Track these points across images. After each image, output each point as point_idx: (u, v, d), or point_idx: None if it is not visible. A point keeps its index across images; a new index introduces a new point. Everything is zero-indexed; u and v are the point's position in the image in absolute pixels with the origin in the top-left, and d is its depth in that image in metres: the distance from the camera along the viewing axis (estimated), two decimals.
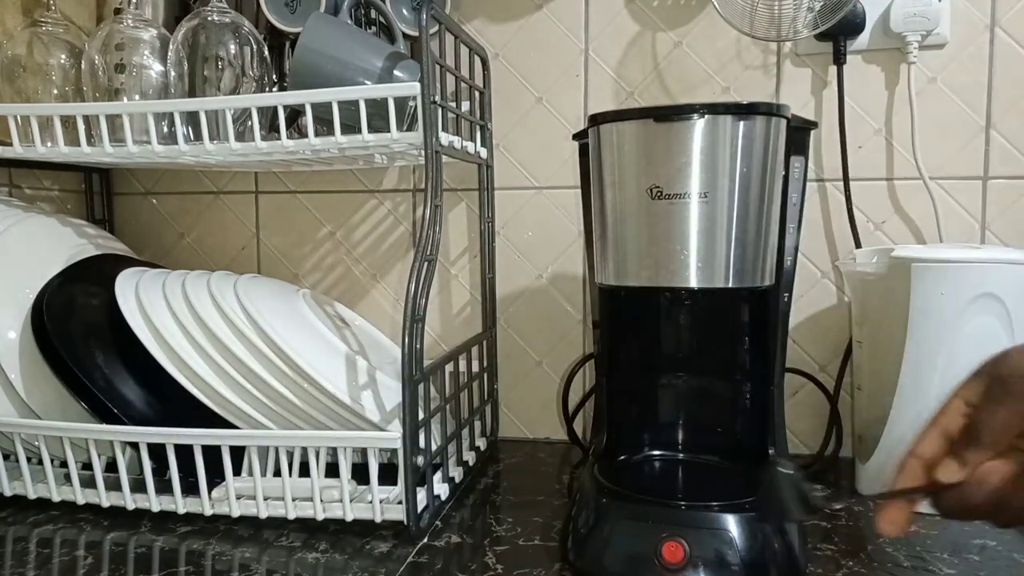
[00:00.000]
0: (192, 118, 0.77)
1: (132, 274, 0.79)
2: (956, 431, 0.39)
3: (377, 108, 0.70)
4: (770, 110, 0.60)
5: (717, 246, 0.59)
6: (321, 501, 0.69)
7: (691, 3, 0.88)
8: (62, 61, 0.82)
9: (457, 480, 0.78)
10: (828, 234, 0.87)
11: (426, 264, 0.67)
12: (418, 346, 0.66)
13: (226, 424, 0.72)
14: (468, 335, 0.88)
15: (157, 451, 0.69)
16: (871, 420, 0.74)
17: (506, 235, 0.95)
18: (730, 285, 0.60)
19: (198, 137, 0.74)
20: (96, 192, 1.04)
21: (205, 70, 0.78)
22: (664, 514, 0.58)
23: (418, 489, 0.67)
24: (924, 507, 0.40)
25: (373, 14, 0.85)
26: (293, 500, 0.69)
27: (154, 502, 0.71)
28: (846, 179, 0.84)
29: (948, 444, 0.39)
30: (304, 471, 0.73)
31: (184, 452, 0.68)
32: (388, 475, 0.71)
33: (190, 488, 0.70)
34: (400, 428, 0.65)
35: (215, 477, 0.69)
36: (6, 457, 0.76)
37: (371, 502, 0.68)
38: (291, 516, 0.69)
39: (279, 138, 0.73)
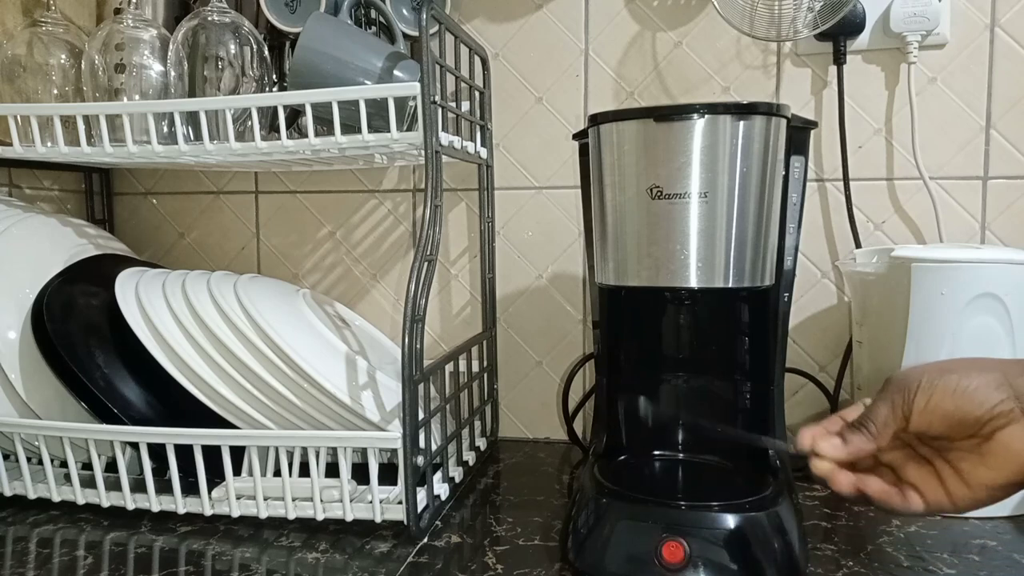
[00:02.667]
0: (192, 118, 0.77)
1: (132, 274, 0.79)
2: (851, 418, 0.48)
3: (377, 108, 0.70)
4: (770, 110, 0.60)
5: (717, 246, 0.59)
6: (321, 501, 0.69)
7: (691, 3, 0.88)
8: (62, 61, 0.82)
9: (457, 480, 0.78)
10: (828, 234, 0.87)
11: (426, 264, 0.67)
12: (418, 346, 0.66)
13: (226, 424, 0.72)
14: (468, 335, 0.88)
15: (157, 451, 0.69)
16: None
17: (506, 235, 0.95)
18: (730, 285, 0.60)
19: (198, 137, 0.74)
20: (96, 192, 1.04)
21: (205, 70, 0.78)
22: (664, 514, 0.58)
23: (418, 489, 0.67)
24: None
25: (373, 14, 0.85)
26: (293, 500, 0.70)
27: (154, 502, 0.71)
28: (846, 179, 0.84)
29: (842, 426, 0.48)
30: (304, 471, 0.74)
31: (184, 452, 0.68)
32: (388, 475, 0.71)
33: (190, 488, 0.70)
34: (400, 428, 0.65)
35: (215, 477, 0.70)
36: (6, 457, 0.76)
37: (371, 502, 0.68)
38: (291, 516, 0.69)
39: (279, 138, 0.73)
